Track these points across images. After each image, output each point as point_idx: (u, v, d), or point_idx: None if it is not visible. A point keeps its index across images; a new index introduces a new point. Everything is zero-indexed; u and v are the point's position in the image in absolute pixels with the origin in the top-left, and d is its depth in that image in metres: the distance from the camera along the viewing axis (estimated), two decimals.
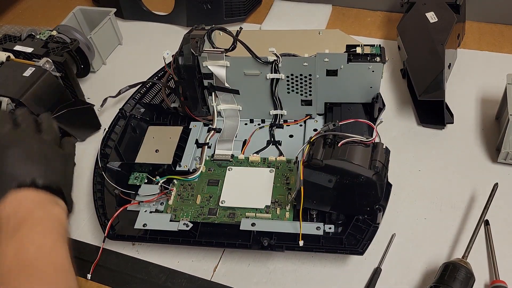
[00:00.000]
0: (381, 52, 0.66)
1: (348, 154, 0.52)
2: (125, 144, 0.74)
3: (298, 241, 0.57)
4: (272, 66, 0.67)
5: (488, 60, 0.88)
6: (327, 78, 0.68)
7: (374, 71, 0.66)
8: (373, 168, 0.51)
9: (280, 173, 0.67)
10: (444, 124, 0.76)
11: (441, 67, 0.74)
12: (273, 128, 0.74)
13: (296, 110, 0.74)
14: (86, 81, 0.93)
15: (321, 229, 0.59)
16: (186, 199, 0.65)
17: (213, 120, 0.74)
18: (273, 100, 0.72)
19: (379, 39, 0.95)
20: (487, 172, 0.70)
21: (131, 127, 0.76)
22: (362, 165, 0.51)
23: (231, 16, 1.01)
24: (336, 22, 1.02)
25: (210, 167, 0.69)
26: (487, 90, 0.82)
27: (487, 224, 0.63)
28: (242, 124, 0.75)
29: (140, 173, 0.68)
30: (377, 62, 0.65)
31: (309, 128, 0.74)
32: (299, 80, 0.69)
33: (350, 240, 0.57)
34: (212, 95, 0.72)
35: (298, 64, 0.67)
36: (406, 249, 0.62)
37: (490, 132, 0.75)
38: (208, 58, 0.67)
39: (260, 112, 0.75)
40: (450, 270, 0.54)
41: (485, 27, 0.95)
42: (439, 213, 0.66)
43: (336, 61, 0.66)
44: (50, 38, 0.84)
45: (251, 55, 0.66)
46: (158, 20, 1.06)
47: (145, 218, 0.63)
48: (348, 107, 0.71)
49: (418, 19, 0.85)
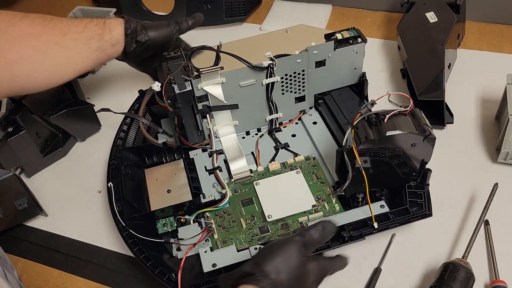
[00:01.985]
0: (359, 33, 0.69)
1: (398, 126, 0.54)
2: (131, 195, 0.66)
3: (372, 224, 0.58)
4: (268, 71, 0.66)
5: (488, 60, 0.88)
6: (316, 70, 0.70)
7: (358, 52, 0.70)
8: (422, 131, 0.54)
9: (306, 172, 0.67)
10: (444, 124, 0.75)
11: (441, 67, 0.74)
12: (273, 133, 0.74)
13: (291, 109, 0.74)
14: (86, 81, 0.93)
15: (385, 206, 0.60)
16: (230, 227, 0.62)
17: (211, 143, 0.70)
18: (269, 106, 0.71)
19: (379, 39, 0.95)
20: (487, 172, 0.70)
21: (128, 177, 0.68)
22: (413, 131, 0.54)
23: (231, 16, 1.01)
24: (336, 22, 1.02)
25: (234, 188, 0.66)
26: (487, 90, 0.81)
27: (487, 224, 0.63)
28: (240, 138, 0.73)
29: (165, 219, 0.63)
30: (360, 43, 0.69)
31: (307, 122, 0.74)
32: (293, 79, 0.69)
33: (413, 207, 0.60)
34: (207, 117, 0.67)
35: (292, 62, 0.67)
36: (406, 249, 0.62)
37: (490, 132, 0.75)
38: (202, 79, 0.64)
39: (255, 122, 0.73)
40: (450, 270, 0.54)
41: (485, 27, 0.95)
42: (439, 213, 0.65)
43: (324, 51, 0.68)
44: None
45: (247, 65, 0.64)
46: (158, 20, 1.06)
47: (209, 259, 0.57)
48: (338, 93, 0.74)
49: (418, 19, 0.85)
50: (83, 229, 0.69)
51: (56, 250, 0.68)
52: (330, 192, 0.65)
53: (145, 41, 0.64)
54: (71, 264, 0.66)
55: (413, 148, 0.55)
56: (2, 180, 0.63)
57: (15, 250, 0.68)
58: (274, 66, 0.66)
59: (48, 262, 0.66)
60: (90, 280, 0.64)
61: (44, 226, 0.71)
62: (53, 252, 0.67)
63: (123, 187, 0.65)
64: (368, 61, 0.90)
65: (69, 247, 0.68)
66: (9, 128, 0.71)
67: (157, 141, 0.71)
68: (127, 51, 0.64)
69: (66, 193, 0.74)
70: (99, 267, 0.64)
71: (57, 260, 0.66)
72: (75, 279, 0.64)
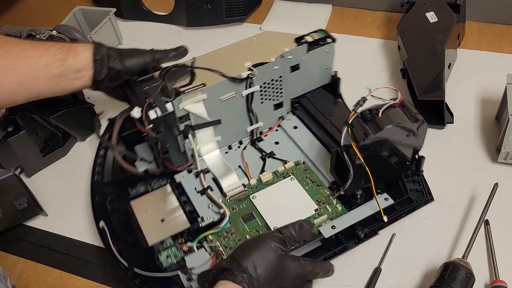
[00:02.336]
0: (327, 34, 0.70)
1: (392, 119, 0.56)
2: (124, 231, 0.63)
3: (381, 218, 0.59)
4: (247, 82, 0.65)
5: (488, 60, 0.88)
6: (291, 74, 0.70)
7: (329, 52, 0.71)
8: (416, 120, 0.56)
9: (299, 177, 0.67)
10: (444, 124, 0.75)
11: (441, 67, 0.74)
12: (255, 144, 0.73)
13: (270, 117, 0.73)
14: None
15: (389, 199, 0.61)
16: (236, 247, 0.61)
17: (196, 164, 0.67)
18: (249, 116, 0.70)
19: (379, 39, 0.95)
20: (487, 172, 0.70)
21: (116, 212, 0.65)
22: (408, 121, 0.56)
23: (231, 16, 1.01)
24: (336, 22, 1.01)
25: (231, 206, 0.65)
26: (487, 90, 0.81)
27: (487, 224, 0.63)
28: (223, 153, 0.71)
29: (166, 250, 0.60)
30: (330, 43, 0.70)
31: (288, 128, 0.74)
32: (271, 86, 0.69)
33: (414, 195, 0.62)
34: (189, 137, 0.65)
35: (270, 70, 0.67)
36: (406, 249, 0.62)
37: (490, 132, 0.75)
38: (183, 99, 0.62)
39: (236, 135, 0.72)
40: (450, 270, 0.54)
41: (485, 27, 0.95)
42: (439, 213, 0.65)
43: (298, 55, 0.68)
44: (50, 38, 0.84)
45: (226, 78, 0.63)
46: (158, 20, 1.06)
47: None
48: (313, 94, 0.75)
49: (418, 19, 0.85)
50: (83, 229, 0.69)
51: (56, 250, 0.68)
52: (328, 193, 0.65)
53: (119, 68, 0.60)
54: (71, 264, 0.66)
55: (407, 138, 0.57)
56: (2, 180, 0.63)
57: (15, 250, 0.68)
58: (254, 76, 0.65)
59: (48, 262, 0.66)
60: (90, 280, 0.64)
61: (44, 226, 0.70)
62: (53, 252, 0.67)
63: (113, 224, 0.62)
64: (368, 61, 0.91)
65: (69, 247, 0.67)
66: (9, 128, 0.70)
67: (137, 170, 0.68)
68: (97, 79, 0.59)
69: (66, 193, 0.74)
70: (99, 267, 0.64)
71: (57, 260, 0.66)
72: (75, 279, 0.64)
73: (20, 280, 0.65)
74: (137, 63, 0.61)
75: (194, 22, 1.02)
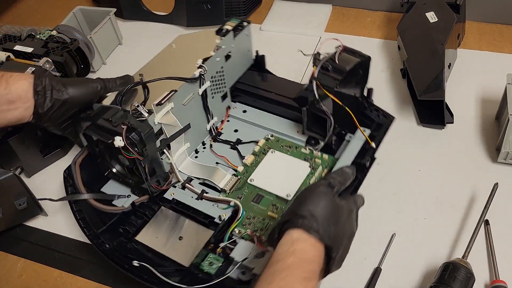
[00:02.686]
0: (241, 19, 0.74)
1: (348, 62, 0.63)
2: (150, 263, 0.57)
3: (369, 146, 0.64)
4: (200, 80, 0.66)
5: (488, 60, 0.88)
6: (226, 63, 0.72)
7: (248, 35, 0.75)
8: (362, 56, 0.65)
9: (277, 148, 0.70)
10: (444, 124, 0.75)
11: (441, 67, 0.74)
12: (217, 139, 0.74)
13: (220, 109, 0.75)
14: None
15: (366, 130, 0.67)
16: (265, 227, 0.61)
17: (177, 176, 0.66)
18: (206, 114, 0.71)
19: (379, 39, 0.95)
20: (487, 172, 0.70)
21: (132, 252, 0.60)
22: (357, 59, 0.64)
23: (231, 16, 1.01)
24: (336, 22, 1.01)
25: (236, 196, 0.65)
26: (487, 90, 0.82)
27: (487, 224, 0.63)
28: (193, 159, 0.71)
29: (206, 260, 0.58)
30: (247, 25, 0.74)
31: (237, 114, 0.76)
32: (217, 79, 0.71)
33: (379, 120, 0.68)
34: (165, 151, 0.64)
35: (214, 63, 0.69)
36: (406, 249, 0.62)
37: (490, 132, 0.75)
38: (156, 112, 0.60)
39: (199, 136, 0.72)
40: (450, 270, 0.54)
41: (485, 27, 0.95)
42: (439, 213, 0.65)
43: (229, 43, 0.71)
44: (50, 38, 0.84)
45: (185, 81, 0.64)
46: (158, 20, 1.06)
47: None
48: (245, 77, 0.78)
49: (418, 19, 0.85)
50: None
51: (56, 250, 0.68)
52: (309, 150, 0.69)
53: (64, 99, 0.56)
54: (71, 264, 0.66)
55: (359, 75, 0.65)
56: (2, 180, 0.63)
57: (15, 250, 0.68)
58: (205, 73, 0.66)
59: (48, 262, 0.66)
60: (90, 280, 0.64)
61: (44, 226, 0.71)
62: (53, 252, 0.67)
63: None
64: None
65: (69, 247, 0.68)
66: (9, 128, 0.70)
67: (124, 207, 0.65)
68: (39, 111, 0.55)
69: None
70: (99, 267, 0.64)
71: (57, 260, 0.66)
72: (75, 279, 0.64)
73: (20, 280, 0.65)
74: (82, 93, 0.58)
75: (194, 22, 1.02)
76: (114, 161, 0.65)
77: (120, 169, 0.66)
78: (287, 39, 0.98)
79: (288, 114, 0.74)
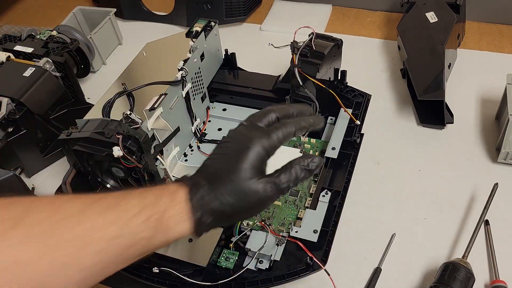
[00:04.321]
0: (208, 20, 0.75)
1: (323, 47, 0.67)
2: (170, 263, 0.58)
3: (354, 123, 0.68)
4: (183, 82, 0.67)
5: (488, 60, 0.88)
6: (201, 64, 0.73)
7: (216, 34, 0.76)
8: (334, 40, 0.69)
9: None
10: (444, 124, 0.76)
11: (441, 67, 0.74)
12: (203, 140, 0.74)
13: (201, 111, 0.75)
14: (86, 81, 0.93)
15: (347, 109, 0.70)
16: (273, 215, 0.62)
17: (171, 180, 0.65)
18: (190, 116, 0.72)
19: (379, 39, 0.95)
20: (487, 172, 0.70)
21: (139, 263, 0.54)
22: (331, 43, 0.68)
23: (231, 16, 1.01)
24: (336, 22, 1.02)
25: None
26: (487, 90, 0.82)
27: (487, 224, 0.63)
28: (184, 162, 0.71)
29: (222, 257, 0.59)
30: (214, 25, 0.75)
31: (218, 113, 0.77)
32: (196, 80, 0.72)
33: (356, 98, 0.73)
34: (158, 157, 0.63)
35: (192, 64, 0.70)
36: (406, 249, 0.62)
37: (490, 132, 0.75)
38: (148, 118, 0.61)
39: (185, 139, 0.72)
40: (450, 270, 0.54)
41: (485, 27, 0.95)
42: (439, 213, 0.66)
43: (201, 43, 0.72)
44: (50, 38, 0.84)
45: (169, 84, 0.64)
46: (158, 20, 1.06)
47: (308, 234, 0.57)
48: (219, 77, 0.79)
49: (418, 19, 0.85)
50: None
51: None
52: (296, 137, 0.69)
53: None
54: None
55: (334, 58, 0.70)
56: (2, 180, 0.63)
57: None
58: (186, 74, 0.67)
59: None
60: None
61: None
62: None
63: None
64: (368, 61, 0.91)
65: None
66: (9, 128, 0.70)
67: None
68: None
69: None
70: None
71: None
72: None
73: None
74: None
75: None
76: (106, 175, 0.64)
77: (113, 183, 0.65)
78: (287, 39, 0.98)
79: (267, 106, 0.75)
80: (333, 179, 0.63)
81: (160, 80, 0.65)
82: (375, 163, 0.73)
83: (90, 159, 0.62)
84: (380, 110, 0.80)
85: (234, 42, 0.96)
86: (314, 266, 0.55)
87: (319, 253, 0.56)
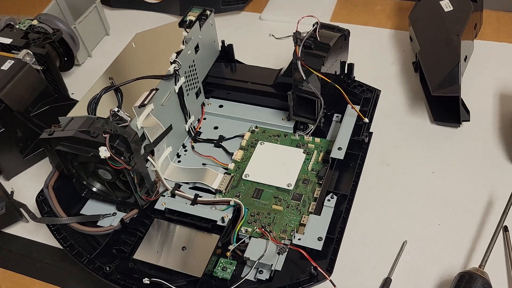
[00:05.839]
0: (202, 8, 0.75)
1: (328, 37, 0.66)
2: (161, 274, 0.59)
3: (362, 120, 0.68)
4: (175, 76, 0.67)
5: (507, 52, 0.88)
6: (196, 56, 0.73)
7: (212, 24, 0.77)
8: (341, 31, 0.68)
9: (265, 139, 0.72)
10: (459, 122, 0.76)
11: (456, 60, 0.75)
12: (198, 139, 0.74)
13: (195, 108, 0.76)
14: (70, 75, 0.93)
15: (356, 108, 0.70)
16: (274, 221, 0.62)
17: (163, 184, 0.66)
18: (183, 114, 0.71)
19: (390, 29, 0.96)
20: (506, 174, 0.70)
21: (129, 274, 0.59)
22: (337, 34, 0.67)
23: (228, 4, 1.01)
24: (343, 10, 1.02)
25: (234, 195, 0.66)
26: (506, 85, 0.82)
27: (506, 231, 0.63)
28: (177, 163, 0.71)
29: (218, 266, 0.58)
30: (210, 14, 0.75)
31: (214, 110, 0.77)
32: (190, 74, 0.72)
33: (364, 93, 0.73)
34: (149, 158, 0.63)
35: (186, 56, 0.70)
36: (418, 258, 0.62)
37: (510, 130, 0.75)
38: (137, 116, 0.60)
39: (178, 139, 0.72)
40: (466, 280, 0.54)
41: (504, 16, 0.95)
42: (454, 218, 0.66)
43: (196, 34, 0.72)
44: (30, 28, 0.84)
45: (161, 79, 0.64)
46: (149, 8, 1.06)
47: (312, 241, 0.58)
48: (214, 70, 0.79)
49: (432, 7, 0.85)
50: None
51: (38, 259, 0.68)
52: (298, 136, 0.72)
53: None
54: (54, 275, 0.66)
55: (341, 50, 0.69)
56: None
57: None
58: (180, 67, 0.67)
59: (29, 272, 0.67)
60: None
61: (25, 233, 0.71)
62: (34, 261, 0.68)
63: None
64: (377, 53, 0.91)
65: (52, 256, 0.68)
66: None
67: (111, 226, 0.63)
68: None
69: None
70: (86, 276, 0.65)
71: (39, 270, 0.67)
72: None
73: None
74: None
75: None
76: (92, 178, 0.64)
77: (100, 186, 0.65)
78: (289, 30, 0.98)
79: (268, 103, 0.75)
80: (339, 182, 0.64)
81: (150, 74, 0.65)
82: (385, 164, 0.73)
83: (75, 160, 0.62)
84: (390, 106, 0.81)
85: (232, 32, 0.97)
86: (318, 277, 0.55)
87: (324, 262, 0.56)
